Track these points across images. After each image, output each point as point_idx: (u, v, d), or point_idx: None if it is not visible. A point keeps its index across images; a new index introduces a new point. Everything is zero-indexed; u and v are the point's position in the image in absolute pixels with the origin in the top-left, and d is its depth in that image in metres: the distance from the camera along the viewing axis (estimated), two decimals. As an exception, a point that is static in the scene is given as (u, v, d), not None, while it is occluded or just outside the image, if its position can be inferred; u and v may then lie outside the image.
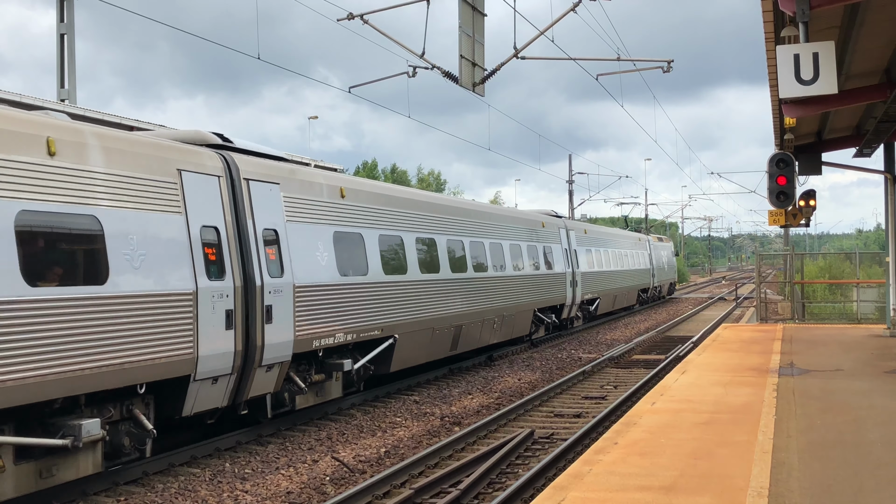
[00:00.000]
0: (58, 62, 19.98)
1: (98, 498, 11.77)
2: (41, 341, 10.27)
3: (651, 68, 23.43)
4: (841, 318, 33.58)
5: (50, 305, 10.43)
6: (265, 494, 12.11)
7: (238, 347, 13.72)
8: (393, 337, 18.86)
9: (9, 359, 9.87)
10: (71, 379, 10.66)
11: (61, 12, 19.75)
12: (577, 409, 18.50)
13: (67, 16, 19.63)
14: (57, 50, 19.89)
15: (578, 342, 32.62)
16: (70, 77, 19.46)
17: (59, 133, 10.99)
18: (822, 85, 11.14)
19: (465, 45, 18.47)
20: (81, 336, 10.81)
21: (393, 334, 18.84)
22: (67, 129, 11.24)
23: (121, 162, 11.80)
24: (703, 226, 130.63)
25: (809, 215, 24.96)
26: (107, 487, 12.14)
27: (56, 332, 10.47)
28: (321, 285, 16.03)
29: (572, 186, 66.90)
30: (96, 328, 11.03)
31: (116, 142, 11.96)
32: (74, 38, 19.71)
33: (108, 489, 12.13)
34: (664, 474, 8.68)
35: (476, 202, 28.11)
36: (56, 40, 19.86)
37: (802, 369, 16.17)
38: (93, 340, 10.96)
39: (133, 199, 11.92)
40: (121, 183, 11.74)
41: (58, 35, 19.95)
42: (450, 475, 12.58)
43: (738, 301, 57.66)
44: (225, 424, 15.26)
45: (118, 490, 12.14)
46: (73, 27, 19.74)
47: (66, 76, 19.54)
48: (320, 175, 17.05)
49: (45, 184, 10.63)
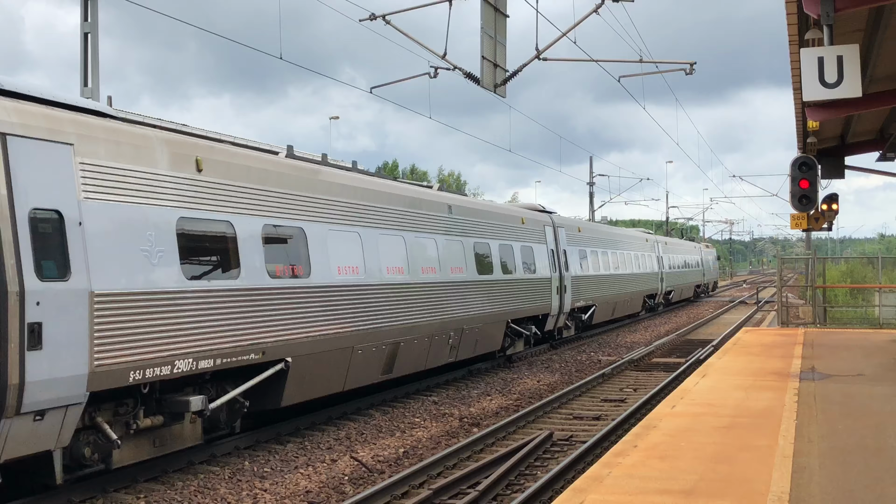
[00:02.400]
0: (81, 61, 20.06)
1: (118, 495, 11.82)
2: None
3: (673, 70, 23.38)
4: (863, 323, 33.40)
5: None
6: (284, 493, 12.13)
7: (560, 302, 15.12)
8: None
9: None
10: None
11: (85, 11, 19.85)
12: (596, 411, 18.45)
13: (91, 15, 19.73)
14: (80, 49, 19.97)
15: (598, 345, 32.55)
16: (94, 76, 19.54)
17: (525, 215, 16.57)
18: (846, 88, 11.07)
19: (487, 46, 18.45)
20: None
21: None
22: (524, 212, 16.61)
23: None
24: (725, 229, 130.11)
25: (832, 219, 24.78)
26: (126, 485, 12.20)
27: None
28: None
29: (593, 189, 66.81)
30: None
31: (530, 214, 21.06)
32: (98, 38, 19.81)
33: (128, 486, 12.19)
34: (684, 478, 8.64)
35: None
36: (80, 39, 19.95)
37: (824, 374, 16.08)
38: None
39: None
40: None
41: (81, 34, 20.04)
42: (468, 476, 12.57)
43: (759, 305, 57.37)
44: (244, 423, 15.28)
45: (138, 487, 12.19)
46: (97, 26, 19.83)
47: (89, 75, 19.62)
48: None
49: (523, 234, 16.68)
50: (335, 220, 16.26)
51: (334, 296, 15.87)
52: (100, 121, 11.58)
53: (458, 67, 20.47)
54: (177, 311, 12.01)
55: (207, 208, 12.94)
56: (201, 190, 12.87)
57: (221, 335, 12.83)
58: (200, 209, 12.78)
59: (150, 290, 11.57)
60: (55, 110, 10.95)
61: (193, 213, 12.63)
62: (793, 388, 14.25)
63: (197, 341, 12.35)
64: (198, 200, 12.76)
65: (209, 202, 13.00)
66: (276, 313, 14.08)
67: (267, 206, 14.30)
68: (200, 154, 13.01)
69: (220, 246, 13.25)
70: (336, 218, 16.32)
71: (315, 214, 15.66)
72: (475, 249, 22.95)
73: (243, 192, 13.77)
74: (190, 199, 12.61)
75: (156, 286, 11.69)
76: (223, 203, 13.29)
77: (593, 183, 66.33)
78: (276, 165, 14.98)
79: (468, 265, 22.29)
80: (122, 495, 11.83)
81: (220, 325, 12.81)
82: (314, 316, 15.16)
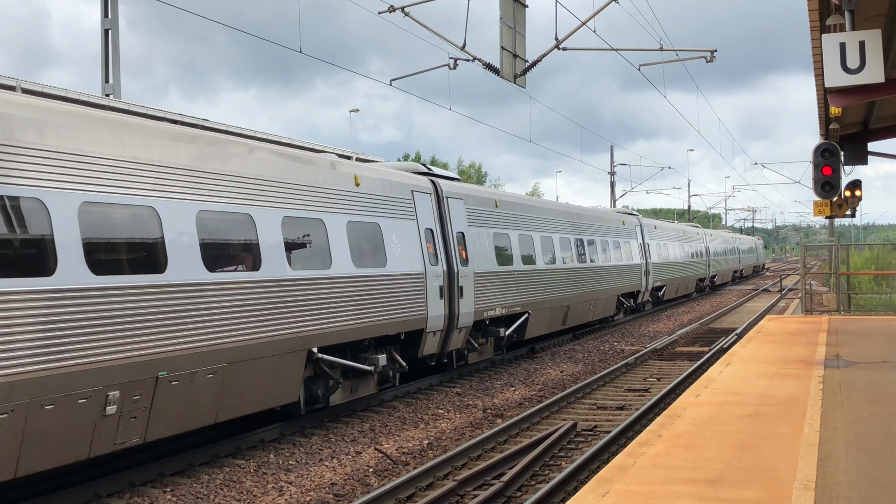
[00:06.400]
0: (102, 57, 20.19)
1: (145, 489, 11.90)
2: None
3: (694, 58, 23.28)
4: (887, 310, 33.18)
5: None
6: (309, 486, 12.18)
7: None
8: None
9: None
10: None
11: (106, 8, 19.97)
12: (620, 401, 18.43)
13: (112, 11, 19.85)
14: (101, 45, 20.10)
15: (621, 334, 32.48)
16: (115, 72, 19.67)
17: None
18: (869, 73, 11.00)
19: (507, 36, 18.43)
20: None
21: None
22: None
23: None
24: (748, 217, 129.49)
25: (855, 206, 24.66)
26: (153, 478, 12.28)
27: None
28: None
29: (614, 178, 66.68)
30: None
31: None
32: (119, 34, 19.93)
33: (155, 479, 12.27)
34: (709, 467, 8.62)
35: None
36: (101, 35, 20.07)
37: (849, 361, 15.99)
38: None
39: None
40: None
41: (102, 30, 20.16)
42: (493, 467, 12.58)
43: (783, 293, 57.11)
44: (264, 417, 15.35)
45: (164, 481, 12.27)
46: (118, 23, 19.96)
47: (110, 71, 19.75)
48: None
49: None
50: (542, 230, 26.89)
51: (546, 276, 26.01)
52: (465, 185, 23.52)
53: (477, 58, 20.46)
54: (495, 282, 22.88)
55: (502, 227, 24.00)
56: (498, 214, 23.92)
57: (508, 296, 23.55)
58: (499, 228, 23.67)
59: (488, 272, 22.34)
60: (454, 182, 21.70)
61: (497, 229, 23.65)
62: (817, 376, 14.19)
63: (502, 299, 22.92)
64: (498, 222, 23.61)
65: (503, 223, 23.96)
66: (524, 286, 24.62)
67: (518, 222, 25.41)
68: (499, 198, 23.93)
69: (505, 247, 24.08)
70: (543, 228, 27.03)
71: (536, 226, 26.35)
72: (601, 245, 32.52)
73: (511, 215, 25.14)
74: (494, 221, 23.51)
75: (489, 270, 22.51)
76: (505, 223, 24.31)
77: (614, 172, 66.29)
78: (516, 198, 26.40)
79: (599, 256, 31.99)
80: (148, 489, 11.91)
81: (508, 290, 23.69)
82: (538, 288, 25.63)
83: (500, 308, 22.70)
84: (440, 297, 19.35)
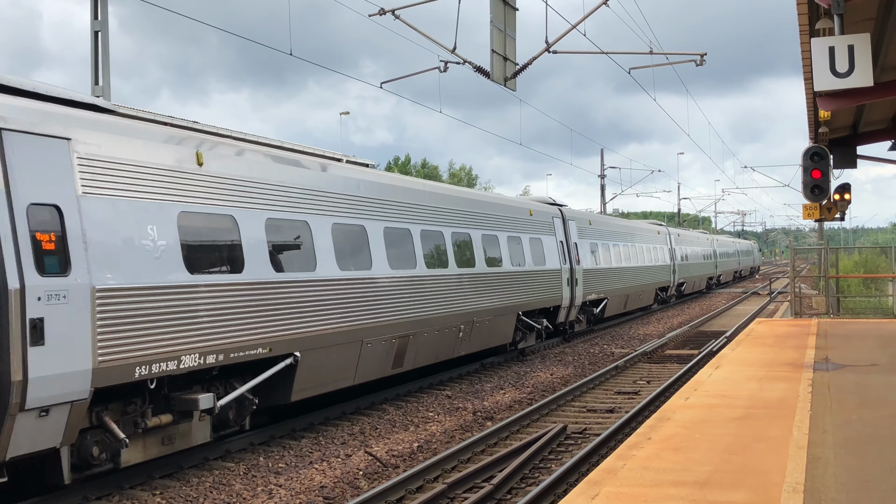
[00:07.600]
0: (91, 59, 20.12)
1: (134, 492, 11.87)
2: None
3: (684, 62, 23.33)
4: (876, 313, 33.26)
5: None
6: (299, 489, 12.17)
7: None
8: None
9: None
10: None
11: (95, 10, 19.90)
12: (609, 404, 18.45)
13: (101, 13, 19.78)
14: (91, 47, 20.03)
15: (611, 337, 32.52)
16: (104, 73, 19.60)
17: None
18: (858, 77, 11.04)
19: (497, 39, 18.45)
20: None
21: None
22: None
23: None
24: (737, 220, 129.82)
25: (844, 209, 24.73)
26: (142, 482, 12.25)
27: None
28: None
29: (604, 181, 66.86)
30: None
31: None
32: (108, 35, 19.86)
33: (143, 483, 12.24)
34: (699, 469, 8.64)
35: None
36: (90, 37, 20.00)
37: (838, 364, 16.03)
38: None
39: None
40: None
41: (92, 32, 20.09)
42: (483, 470, 12.59)
43: (772, 296, 57.24)
44: (255, 420, 15.31)
45: (153, 484, 12.24)
46: (108, 24, 19.88)
47: (100, 72, 19.68)
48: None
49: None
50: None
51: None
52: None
53: (467, 61, 20.46)
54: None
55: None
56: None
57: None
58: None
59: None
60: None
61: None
62: (807, 379, 14.22)
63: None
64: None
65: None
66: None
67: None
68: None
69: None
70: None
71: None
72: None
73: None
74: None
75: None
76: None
77: (604, 175, 66.52)
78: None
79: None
80: (137, 492, 11.88)
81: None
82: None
83: (594, 294, 32.23)
84: (567, 285, 28.57)
